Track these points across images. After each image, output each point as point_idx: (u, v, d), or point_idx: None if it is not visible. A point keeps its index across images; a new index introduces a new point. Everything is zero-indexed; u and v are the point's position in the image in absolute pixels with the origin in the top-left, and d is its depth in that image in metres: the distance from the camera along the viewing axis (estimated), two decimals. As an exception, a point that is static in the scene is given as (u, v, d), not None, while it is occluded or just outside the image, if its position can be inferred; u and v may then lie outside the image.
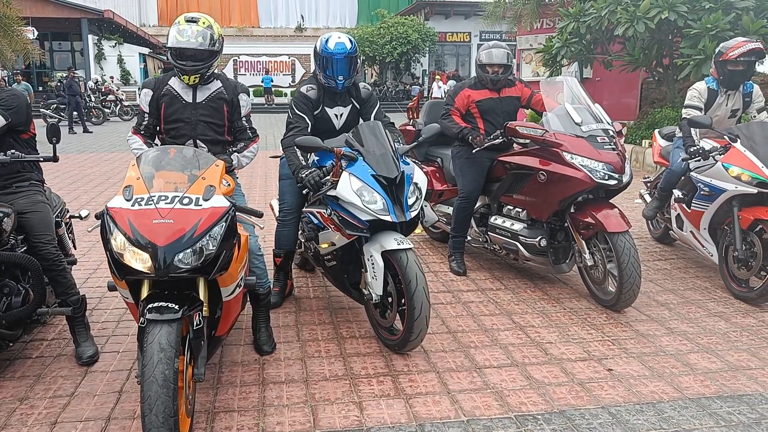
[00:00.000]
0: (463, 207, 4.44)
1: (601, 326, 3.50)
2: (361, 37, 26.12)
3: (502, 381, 2.87)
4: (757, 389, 2.78)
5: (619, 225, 3.56)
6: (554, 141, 3.76)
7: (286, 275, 3.91)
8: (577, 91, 4.05)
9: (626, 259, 3.48)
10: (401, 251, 2.98)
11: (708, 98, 4.31)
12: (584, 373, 2.94)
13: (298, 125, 3.54)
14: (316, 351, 3.19)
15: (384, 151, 3.12)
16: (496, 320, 3.59)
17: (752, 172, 3.73)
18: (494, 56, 4.31)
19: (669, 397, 2.72)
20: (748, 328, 3.48)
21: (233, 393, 2.76)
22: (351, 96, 3.71)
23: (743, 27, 7.81)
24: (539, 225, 4.04)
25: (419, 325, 2.93)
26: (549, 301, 3.91)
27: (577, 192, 3.71)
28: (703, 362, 3.05)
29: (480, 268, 4.59)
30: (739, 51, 4.07)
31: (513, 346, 3.25)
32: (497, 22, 13.78)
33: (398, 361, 3.07)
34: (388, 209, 3.00)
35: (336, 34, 3.58)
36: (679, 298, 3.94)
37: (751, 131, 3.90)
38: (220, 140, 3.16)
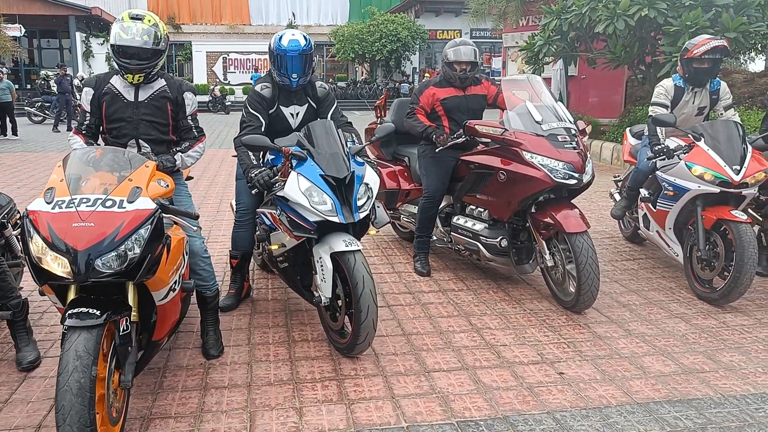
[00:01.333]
0: (428, 207, 4.37)
1: (559, 328, 3.44)
2: (351, 34, 26.02)
3: (450, 385, 2.80)
4: (708, 393, 2.73)
5: (578, 225, 3.50)
6: (514, 140, 3.69)
7: (242, 277, 3.84)
8: (539, 89, 3.99)
9: (584, 259, 3.42)
10: (349, 253, 2.92)
11: (675, 96, 4.25)
12: (535, 376, 2.88)
13: (252, 124, 3.47)
14: (265, 355, 3.12)
15: (335, 150, 3.05)
16: (453, 322, 3.53)
17: (715, 171, 3.68)
18: (462, 54, 4.25)
19: (617, 402, 2.66)
20: (708, 329, 3.43)
21: (173, 398, 2.69)
22: (307, 95, 3.63)
23: (723, 24, 7.78)
24: (501, 225, 3.97)
25: (366, 328, 2.87)
26: (510, 302, 3.85)
27: (537, 192, 3.65)
28: (657, 365, 3.00)
29: (445, 268, 4.53)
30: (704, 48, 4.02)
31: (466, 349, 3.18)
32: (482, 20, 13.71)
33: (347, 365, 3.01)
34: (336, 210, 2.93)
35: (290, 31, 3.50)
36: (642, 299, 3.89)
37: (716, 130, 3.85)
38: (165, 140, 3.08)
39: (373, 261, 4.74)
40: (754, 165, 3.68)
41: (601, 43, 9.79)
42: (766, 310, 3.71)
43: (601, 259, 4.74)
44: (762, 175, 3.69)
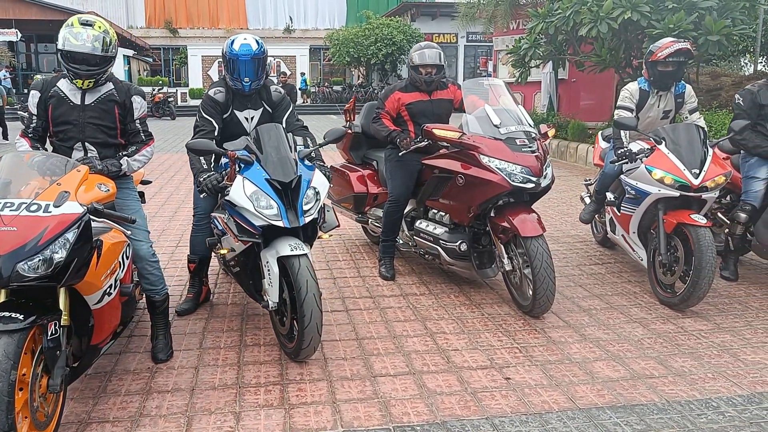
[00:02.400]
0: (392, 210, 4.35)
1: (514, 333, 3.42)
2: (347, 38, 26.05)
3: (394, 390, 2.78)
4: (653, 399, 2.70)
5: (534, 229, 3.48)
6: (471, 144, 3.67)
7: (200, 281, 3.82)
8: (500, 92, 3.97)
9: (539, 264, 3.40)
10: (294, 257, 2.90)
11: (640, 99, 4.23)
12: (481, 382, 2.86)
13: (204, 128, 3.46)
14: (214, 359, 3.10)
15: (282, 154, 3.04)
16: (409, 326, 3.51)
17: (675, 175, 3.65)
18: (427, 57, 4.24)
19: (559, 407, 2.63)
20: (665, 334, 3.40)
21: (113, 402, 2.67)
22: (262, 99, 3.62)
23: (706, 27, 7.76)
24: (461, 229, 3.95)
25: (310, 332, 2.85)
26: (469, 306, 3.82)
27: (495, 196, 3.63)
28: (607, 370, 2.97)
29: (411, 272, 4.51)
30: (667, 51, 4.00)
31: (417, 353, 3.16)
32: (472, 23, 13.71)
33: (294, 369, 2.98)
34: (281, 214, 2.91)
35: (243, 35, 3.50)
36: (603, 304, 3.86)
37: (677, 133, 3.82)
38: (112, 143, 3.07)
39: (340, 265, 4.72)
40: (713, 169, 3.66)
41: (589, 46, 9.78)
42: (726, 314, 3.68)
43: (569, 263, 4.73)
44: (722, 179, 3.67)
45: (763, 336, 3.37)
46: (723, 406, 2.64)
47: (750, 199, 4.14)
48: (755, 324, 3.54)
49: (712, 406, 2.64)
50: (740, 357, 3.11)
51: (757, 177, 4.14)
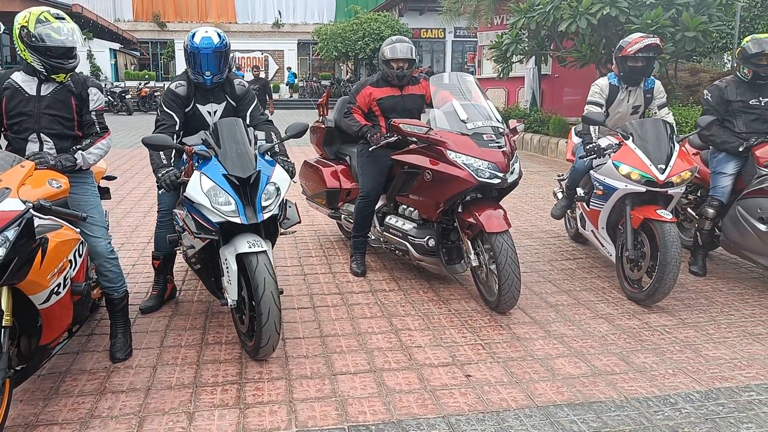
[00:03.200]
0: (363, 206, 4.32)
1: (479, 329, 3.40)
2: (334, 32, 25.92)
3: (352, 388, 2.75)
4: (612, 396, 2.69)
5: (499, 225, 3.46)
6: (438, 139, 3.64)
7: (165, 278, 3.77)
8: (468, 87, 3.94)
9: (504, 260, 3.38)
10: (252, 254, 2.86)
11: (609, 94, 4.23)
12: (441, 379, 2.84)
13: (165, 123, 3.41)
14: (173, 358, 3.05)
15: (241, 149, 2.99)
16: (375, 323, 3.48)
17: (641, 170, 3.64)
18: (398, 51, 4.20)
19: (517, 405, 2.61)
20: (629, 330, 3.39)
21: (65, 404, 2.62)
22: (225, 93, 3.57)
23: (683, 23, 7.78)
24: (429, 225, 3.93)
25: (268, 331, 2.81)
26: (437, 302, 3.80)
27: (461, 191, 3.60)
28: (568, 367, 2.96)
29: (382, 268, 4.48)
30: (637, 47, 3.99)
31: (379, 350, 3.13)
32: (456, 18, 13.67)
33: (253, 368, 2.95)
34: (239, 211, 2.87)
35: (204, 28, 3.44)
36: (571, 300, 3.85)
37: (645, 129, 3.82)
38: (69, 135, 3.00)
39: (312, 261, 4.69)
40: (679, 164, 3.65)
41: (570, 41, 9.79)
42: (692, 310, 3.69)
43: (541, 259, 4.72)
44: (687, 174, 3.66)
45: (726, 331, 3.38)
46: (680, 403, 2.63)
47: (717, 194, 4.15)
48: (719, 319, 3.54)
49: (669, 403, 2.63)
50: (702, 353, 3.11)
51: (724, 173, 4.14)
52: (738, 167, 4.14)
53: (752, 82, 4.13)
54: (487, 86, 14.27)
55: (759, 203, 3.81)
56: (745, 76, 4.15)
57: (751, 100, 4.14)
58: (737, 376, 2.87)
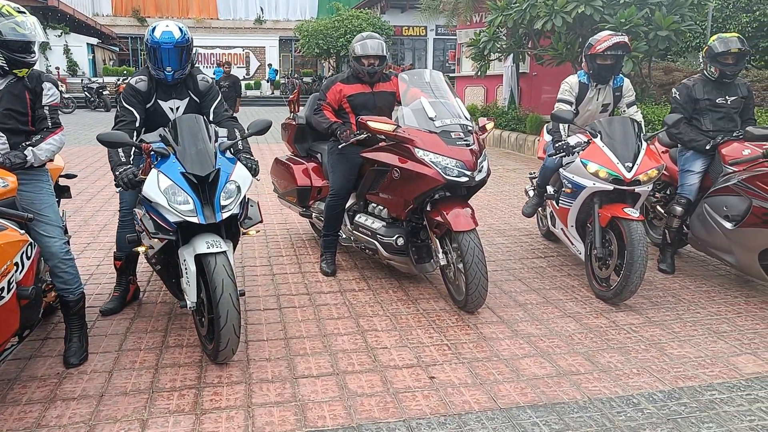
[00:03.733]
0: (333, 204, 4.26)
1: (446, 329, 3.36)
2: (316, 29, 25.75)
3: (313, 392, 2.69)
4: (575, 397, 2.67)
5: (466, 224, 3.42)
6: (405, 137, 3.59)
7: (128, 279, 3.68)
8: (437, 84, 3.90)
9: (470, 258, 3.34)
10: (210, 255, 2.78)
11: (579, 92, 4.21)
12: (404, 381, 2.79)
13: (125, 119, 3.31)
14: (131, 362, 2.97)
15: (200, 147, 2.91)
16: (341, 324, 3.42)
17: (609, 168, 3.63)
18: (369, 47, 4.14)
19: (480, 408, 2.58)
20: (596, 329, 3.38)
21: (11, 413, 2.52)
22: (188, 89, 3.48)
23: (655, 22, 7.83)
24: (399, 224, 3.88)
25: (227, 334, 2.74)
26: (406, 302, 3.76)
27: (429, 189, 3.56)
28: (533, 368, 2.93)
29: (353, 267, 4.43)
30: (605, 45, 3.98)
31: (344, 352, 3.08)
32: (435, 16, 13.64)
33: (213, 372, 2.87)
34: (197, 210, 2.79)
35: (165, 22, 3.35)
36: (540, 298, 3.84)
37: (613, 127, 3.81)
38: (23, 130, 2.90)
39: (282, 260, 4.62)
40: (646, 162, 3.65)
41: (548, 40, 9.80)
42: (659, 308, 3.69)
43: (512, 257, 4.70)
44: (654, 173, 3.66)
45: (692, 329, 3.38)
46: (643, 403, 2.62)
47: (685, 192, 4.16)
48: (685, 317, 3.55)
49: (632, 403, 2.62)
50: (667, 351, 3.11)
51: (692, 170, 4.16)
52: (705, 165, 4.16)
53: (719, 80, 4.15)
54: (466, 84, 14.29)
55: (725, 201, 3.83)
56: (712, 75, 4.17)
57: (717, 99, 4.16)
58: (700, 375, 2.86)
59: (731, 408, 2.58)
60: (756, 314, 3.61)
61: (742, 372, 2.90)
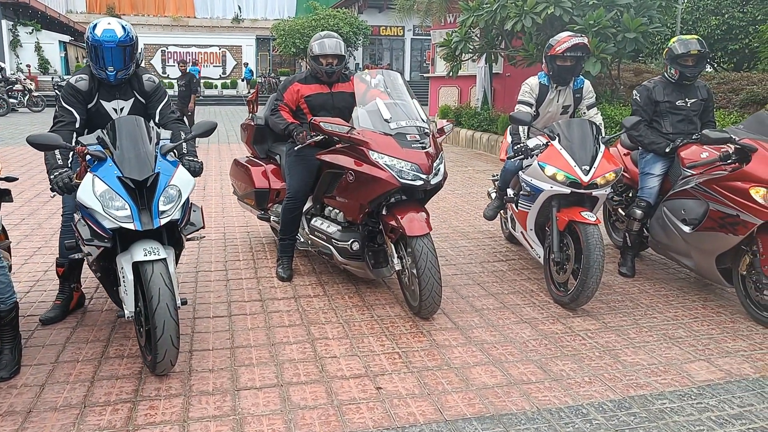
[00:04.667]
0: (290, 207, 4.15)
1: (399, 336, 3.28)
2: (293, 28, 25.55)
3: (254, 405, 2.59)
4: (524, 407, 2.60)
5: (420, 228, 3.34)
6: (360, 139, 3.50)
7: (71, 286, 3.53)
8: (395, 85, 3.81)
9: (423, 264, 3.27)
10: (147, 263, 2.66)
11: (539, 94, 4.17)
12: (350, 393, 2.70)
13: (63, 119, 3.18)
14: (66, 375, 2.83)
15: (139, 150, 2.79)
16: (292, 332, 3.32)
17: (566, 172, 3.59)
18: (326, 46, 4.05)
19: (425, 420, 2.50)
20: (551, 335, 3.33)
21: (-69, 430, 2.39)
22: (133, 89, 3.35)
23: (624, 24, 7.85)
24: (355, 228, 3.79)
25: (164, 345, 2.62)
26: (361, 308, 3.67)
27: (384, 193, 3.47)
28: (484, 377, 2.86)
29: (311, 272, 4.33)
30: (565, 46, 3.94)
31: (291, 362, 2.98)
32: (408, 16, 13.59)
33: (151, 384, 2.75)
34: (133, 216, 2.67)
35: (106, 19, 3.22)
36: (497, 303, 3.78)
37: (571, 129, 3.76)
38: None
39: (239, 265, 4.50)
40: (604, 165, 3.61)
41: (520, 41, 9.79)
42: (616, 313, 3.65)
43: (473, 260, 4.64)
44: (612, 176, 3.63)
45: (647, 335, 3.35)
46: (592, 413, 2.56)
47: (645, 195, 4.14)
48: (641, 322, 3.51)
49: (581, 413, 2.56)
50: (620, 358, 3.07)
51: (651, 173, 4.14)
52: (665, 168, 4.14)
53: (679, 82, 4.14)
54: (440, 84, 14.26)
55: (683, 204, 3.81)
56: (672, 77, 4.15)
57: (677, 101, 4.14)
58: (652, 383, 2.82)
59: (681, 418, 2.54)
60: (712, 319, 3.59)
61: (694, 380, 2.86)
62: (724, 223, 3.48)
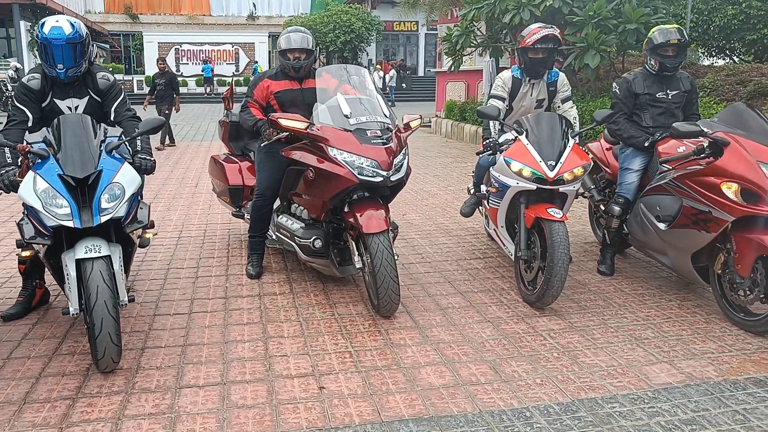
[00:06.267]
0: (259, 205, 4.11)
1: (355, 335, 3.22)
2: (305, 24, 25.55)
3: (192, 404, 2.56)
4: (466, 409, 2.52)
5: (377, 226, 3.28)
6: (318, 135, 3.45)
7: (33, 283, 3.54)
8: (358, 80, 3.75)
9: (379, 262, 3.20)
10: (87, 261, 2.65)
11: (512, 87, 4.06)
12: (292, 392, 2.65)
13: (15, 119, 3.19)
14: (13, 371, 2.83)
15: (83, 147, 2.78)
16: (248, 330, 3.29)
17: (532, 167, 3.48)
18: (293, 41, 4.00)
19: (361, 420, 2.44)
20: (512, 335, 3.23)
21: None
22: (87, 87, 3.35)
23: (625, 15, 7.65)
24: (319, 225, 3.74)
25: (103, 343, 2.61)
26: (324, 306, 3.62)
27: (344, 189, 3.42)
28: (432, 377, 2.79)
29: (282, 270, 4.29)
30: (535, 37, 3.83)
31: (239, 361, 2.94)
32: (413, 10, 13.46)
33: (96, 381, 2.73)
34: (73, 214, 2.65)
35: (55, 17, 3.21)
36: (464, 302, 3.69)
37: (540, 124, 3.65)
38: None
39: (212, 262, 4.48)
40: (572, 160, 3.50)
41: (522, 34, 9.63)
42: (585, 312, 3.54)
43: (450, 257, 4.56)
44: (580, 171, 3.51)
45: (613, 335, 3.23)
46: (536, 416, 2.48)
47: (623, 191, 4.01)
48: (610, 322, 3.40)
49: (524, 417, 2.47)
50: (579, 359, 2.96)
51: (630, 168, 4.00)
52: (644, 163, 4.00)
53: (659, 74, 3.99)
54: (447, 79, 14.11)
55: (658, 201, 3.68)
56: (652, 68, 4.01)
57: (658, 93, 4.00)
58: (607, 386, 2.72)
59: (628, 422, 2.44)
60: (686, 319, 3.46)
61: (651, 382, 2.75)
62: (697, 219, 3.35)
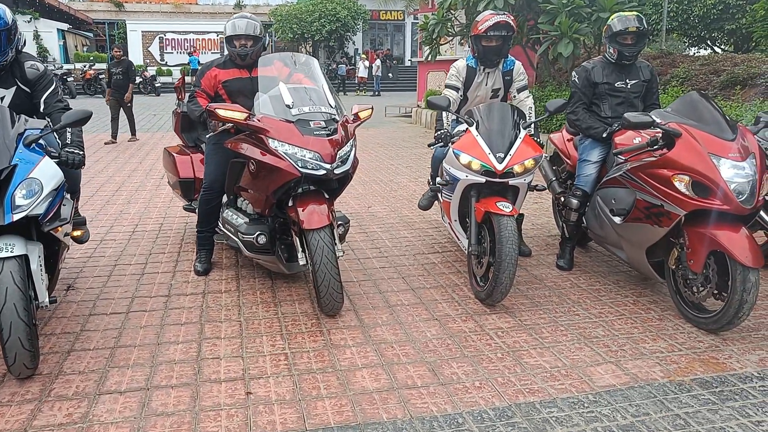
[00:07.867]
0: (207, 199, 3.96)
1: (295, 336, 3.09)
2: (290, 13, 25.24)
3: (108, 411, 2.42)
4: (396, 415, 2.41)
5: (318, 221, 3.14)
6: (258, 126, 3.30)
7: None
8: (303, 69, 3.60)
9: (319, 259, 3.07)
10: None
11: (467, 77, 3.93)
12: (216, 398, 2.53)
13: (-63, 110, 3.00)
14: (-69, 376, 2.69)
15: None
16: (183, 331, 3.15)
17: (480, 160, 3.35)
18: (237, 27, 3.83)
19: (284, 428, 2.32)
20: (458, 335, 3.12)
21: None
22: (15, 77, 3.18)
23: (599, 3, 7.51)
24: (264, 220, 3.59)
25: (13, 348, 2.47)
26: (268, 305, 3.49)
27: (285, 183, 3.27)
28: (367, 380, 2.67)
29: (233, 266, 4.15)
30: (487, 24, 3.69)
31: (168, 364, 2.81)
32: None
33: (11, 388, 2.59)
34: (-20, 210, 2.50)
35: (-20, 4, 3.03)
36: (414, 299, 3.57)
37: (491, 115, 3.52)
38: None
39: (161, 258, 4.33)
40: (522, 152, 3.37)
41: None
42: (536, 309, 3.43)
43: (408, 252, 4.43)
44: (531, 163, 3.38)
45: (562, 334, 3.12)
46: (468, 423, 2.36)
47: (581, 183, 3.89)
48: (561, 320, 3.29)
49: (455, 424, 2.36)
50: (523, 360, 2.85)
51: (589, 160, 3.89)
52: (603, 154, 3.89)
53: (618, 62, 3.87)
54: (428, 69, 13.93)
55: (614, 193, 3.57)
56: (612, 56, 3.88)
57: (617, 83, 3.88)
58: (547, 389, 2.61)
59: (564, 429, 2.33)
60: (639, 316, 3.36)
61: (594, 385, 2.64)
62: (650, 213, 3.24)
